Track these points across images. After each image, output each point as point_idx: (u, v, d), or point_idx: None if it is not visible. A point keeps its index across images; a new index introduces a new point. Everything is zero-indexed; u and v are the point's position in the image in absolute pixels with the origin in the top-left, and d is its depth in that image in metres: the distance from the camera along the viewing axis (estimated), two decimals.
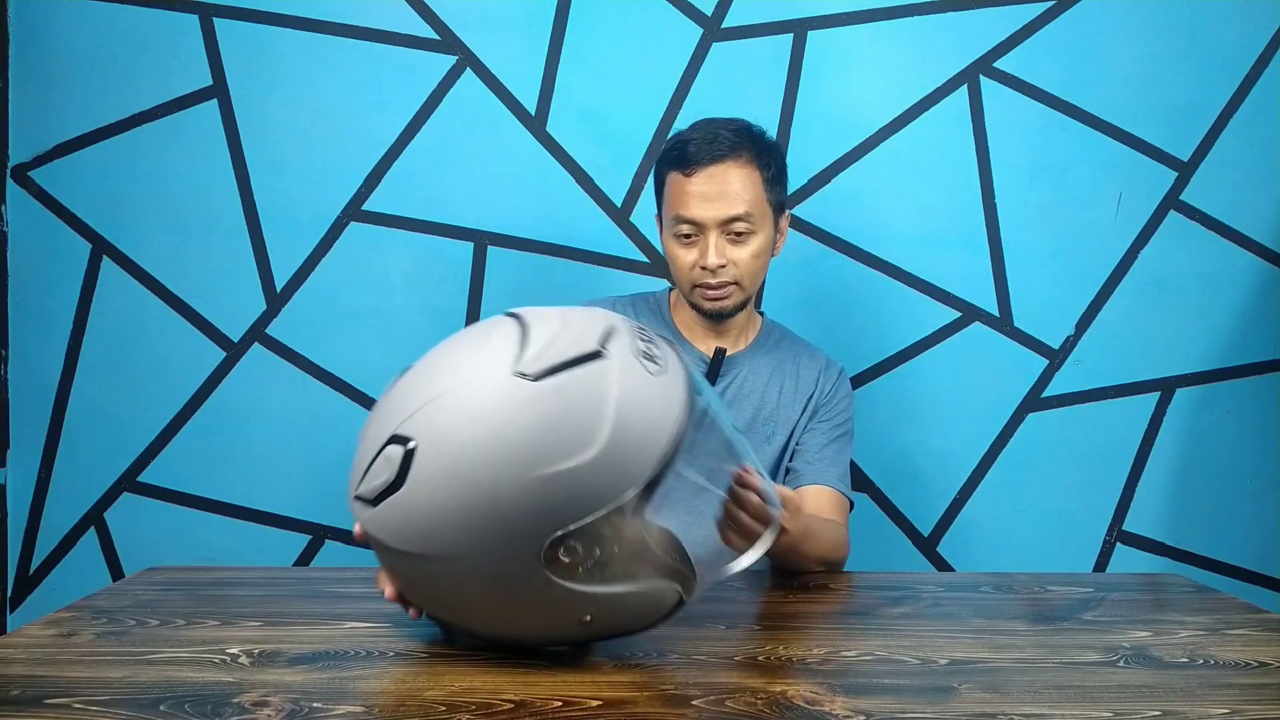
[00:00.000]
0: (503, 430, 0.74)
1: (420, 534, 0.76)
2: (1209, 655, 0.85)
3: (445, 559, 0.76)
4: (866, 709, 0.71)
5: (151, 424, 1.70)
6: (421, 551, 0.77)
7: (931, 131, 1.68)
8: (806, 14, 1.68)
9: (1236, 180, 1.67)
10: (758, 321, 1.40)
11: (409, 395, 0.79)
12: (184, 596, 1.01)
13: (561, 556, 0.75)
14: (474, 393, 0.76)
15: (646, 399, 0.77)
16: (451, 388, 0.77)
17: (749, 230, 1.25)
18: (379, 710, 0.70)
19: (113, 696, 0.72)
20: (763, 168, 1.26)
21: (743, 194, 1.24)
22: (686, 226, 1.26)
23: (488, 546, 0.75)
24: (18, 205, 1.69)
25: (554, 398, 0.75)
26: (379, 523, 0.78)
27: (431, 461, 0.75)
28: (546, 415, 0.74)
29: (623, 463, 0.75)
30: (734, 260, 1.25)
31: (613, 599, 0.79)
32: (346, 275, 1.69)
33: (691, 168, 1.24)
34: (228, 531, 1.70)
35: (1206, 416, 1.70)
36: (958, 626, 0.93)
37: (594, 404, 0.75)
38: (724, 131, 1.25)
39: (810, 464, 1.31)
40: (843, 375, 1.38)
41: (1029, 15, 1.67)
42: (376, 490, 0.77)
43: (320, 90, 1.68)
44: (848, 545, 1.27)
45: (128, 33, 1.67)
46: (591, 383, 0.76)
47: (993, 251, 1.69)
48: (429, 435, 0.76)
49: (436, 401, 0.76)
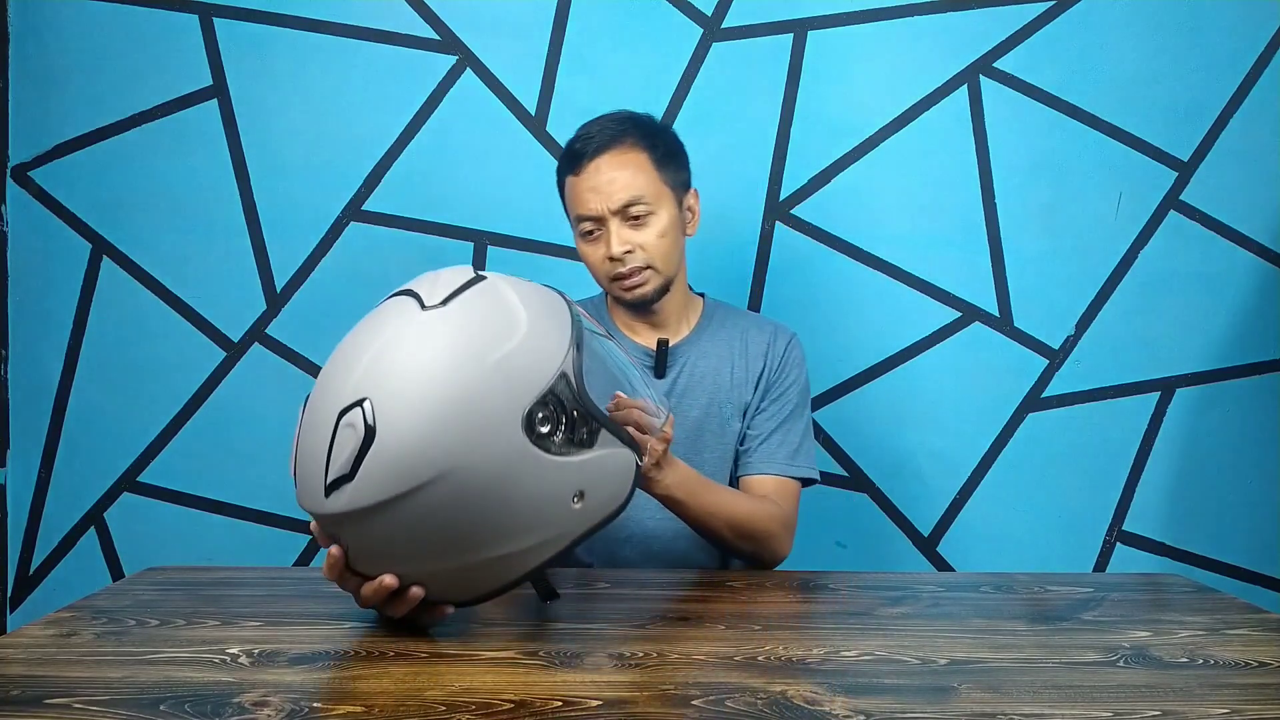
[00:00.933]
0: (439, 343, 0.81)
1: (410, 468, 0.79)
2: (1209, 655, 0.85)
3: (441, 477, 0.79)
4: (866, 709, 0.71)
5: (151, 424, 1.70)
6: (416, 484, 0.79)
7: (931, 131, 1.68)
8: (806, 14, 1.68)
9: (1236, 180, 1.67)
10: (698, 304, 1.40)
11: (337, 381, 0.83)
12: (184, 596, 1.01)
13: (540, 428, 0.82)
14: (402, 335, 0.83)
15: (532, 290, 0.89)
16: (374, 348, 0.83)
17: (646, 212, 1.27)
18: (379, 710, 0.70)
19: (113, 696, 0.72)
20: (650, 149, 1.28)
21: (633, 179, 1.26)
22: (588, 224, 1.28)
23: (478, 441, 0.80)
24: (18, 205, 1.69)
25: (468, 307, 0.84)
26: (359, 490, 0.80)
27: (393, 403, 0.80)
28: (470, 318, 0.83)
29: (548, 335, 0.85)
30: (639, 244, 1.27)
31: (593, 466, 0.85)
32: (346, 275, 1.69)
33: (579, 166, 1.27)
34: (228, 531, 1.70)
35: (1206, 416, 1.70)
36: (958, 626, 0.93)
37: (499, 300, 0.85)
38: (605, 124, 1.29)
39: (754, 451, 1.32)
40: (793, 342, 1.38)
41: (1029, 15, 1.67)
42: (349, 459, 0.79)
43: (320, 90, 1.68)
44: (783, 525, 1.27)
45: (128, 33, 1.67)
46: (489, 292, 0.86)
47: (993, 251, 1.69)
48: (377, 385, 0.81)
49: (365, 362, 0.82)
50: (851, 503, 1.71)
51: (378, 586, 0.83)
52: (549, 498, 0.83)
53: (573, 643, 0.85)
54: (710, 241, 1.69)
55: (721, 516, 1.20)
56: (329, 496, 0.81)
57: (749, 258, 1.70)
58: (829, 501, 1.71)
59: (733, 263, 1.69)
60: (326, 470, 0.81)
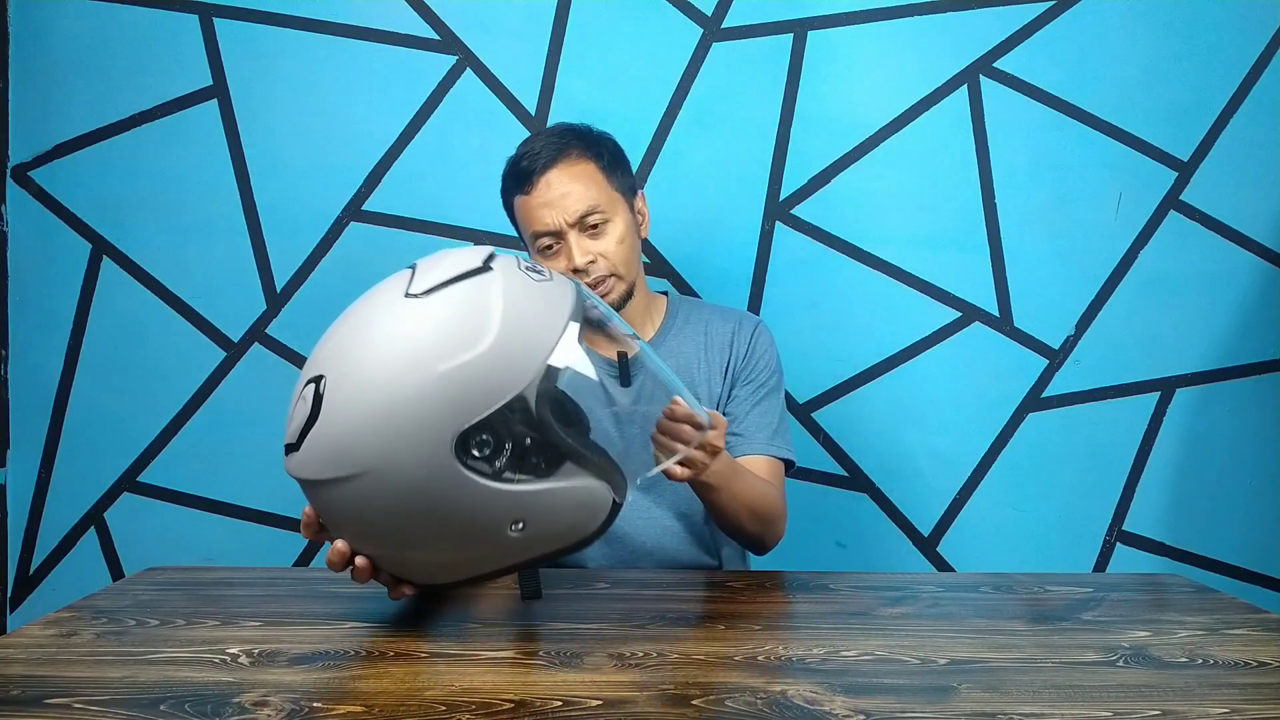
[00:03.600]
0: (397, 339, 0.79)
1: (339, 456, 0.79)
2: (1208, 655, 0.85)
3: (366, 474, 0.78)
4: (866, 709, 0.71)
5: (151, 424, 1.70)
6: (344, 474, 0.79)
7: (931, 131, 1.68)
8: (806, 14, 1.68)
9: (1236, 180, 1.67)
10: (661, 303, 1.40)
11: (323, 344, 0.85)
12: (184, 596, 1.01)
13: (474, 451, 0.78)
14: (369, 319, 0.82)
15: (532, 298, 0.82)
16: (350, 324, 0.84)
17: (603, 220, 1.27)
18: (379, 710, 0.70)
19: (113, 696, 0.72)
20: (595, 158, 1.29)
21: (586, 190, 1.27)
22: (546, 239, 1.28)
23: (403, 451, 0.77)
24: (18, 205, 1.69)
25: (442, 304, 0.80)
26: (301, 462, 0.82)
27: (341, 387, 0.80)
28: (437, 318, 0.79)
29: (517, 354, 0.78)
30: (600, 253, 1.27)
31: (539, 498, 0.80)
32: (346, 275, 1.69)
33: (528, 184, 1.28)
34: (228, 531, 1.70)
35: (1206, 416, 1.70)
36: (958, 626, 0.93)
37: (480, 304, 0.80)
38: (547, 139, 1.29)
39: (738, 435, 1.32)
40: (759, 329, 1.38)
41: (1029, 15, 1.67)
42: (297, 431, 0.81)
43: (320, 90, 1.68)
44: (783, 507, 1.29)
45: (128, 33, 1.67)
46: (476, 288, 0.81)
47: (993, 251, 1.69)
48: (335, 365, 0.81)
49: (339, 337, 0.83)
50: (851, 503, 1.71)
51: (332, 551, 0.87)
52: (480, 520, 0.80)
53: (573, 643, 0.85)
54: (710, 241, 1.69)
55: (744, 500, 1.21)
56: (287, 455, 0.84)
57: (749, 258, 1.70)
58: (829, 501, 1.71)
59: (733, 263, 1.69)
60: (285, 431, 0.84)
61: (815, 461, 1.71)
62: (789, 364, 1.68)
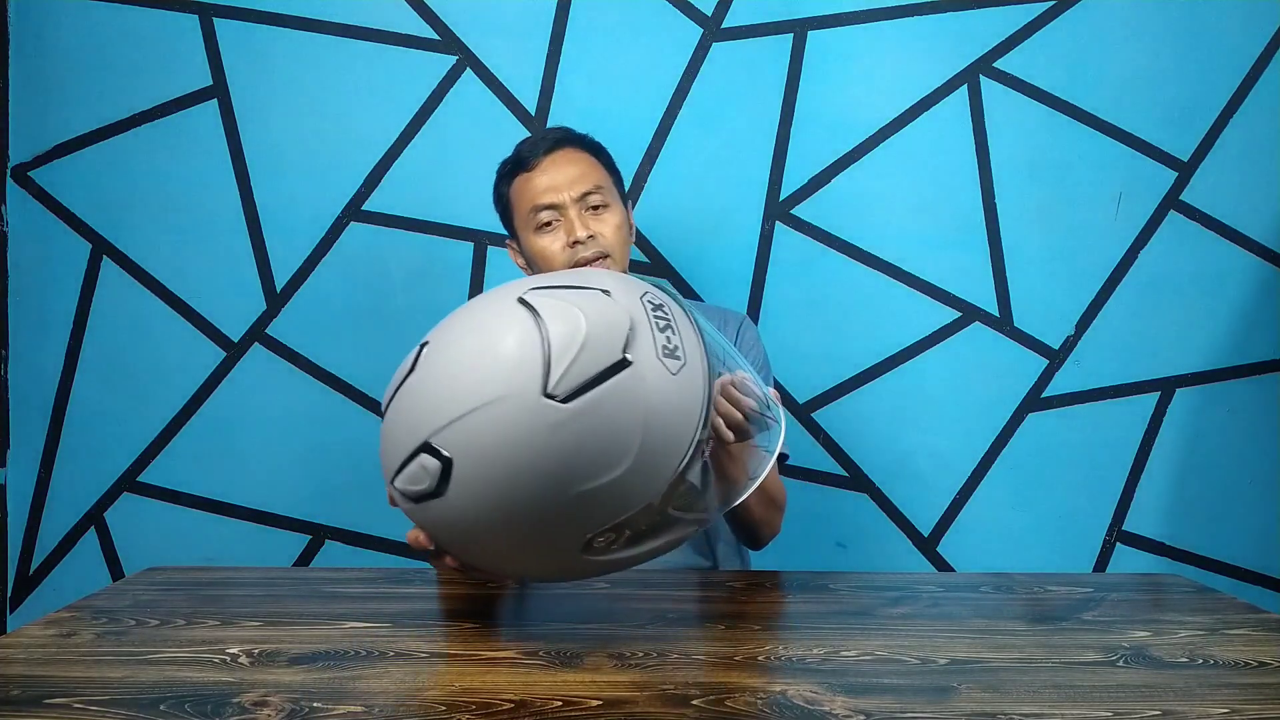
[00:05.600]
0: (538, 457, 0.75)
1: (461, 538, 0.83)
2: (1209, 655, 0.85)
3: (487, 555, 0.84)
4: (866, 709, 0.71)
5: (151, 424, 1.70)
6: (464, 548, 0.84)
7: (931, 131, 1.68)
8: (806, 14, 1.68)
9: (1236, 180, 1.67)
10: None
11: (437, 397, 0.79)
12: (184, 596, 1.01)
13: (596, 544, 0.80)
14: (506, 415, 0.76)
15: (672, 403, 0.78)
16: (482, 405, 0.76)
17: (603, 203, 1.29)
18: (379, 710, 0.70)
19: (113, 696, 0.72)
20: (596, 155, 1.32)
21: (589, 171, 1.29)
22: (547, 213, 1.28)
23: (529, 548, 0.81)
24: (18, 205, 1.69)
25: (585, 419, 0.75)
26: (421, 513, 0.83)
27: (470, 478, 0.78)
28: (581, 436, 0.75)
29: (652, 466, 0.78)
30: (599, 232, 1.28)
31: (645, 556, 0.84)
32: (346, 275, 1.69)
33: (532, 163, 1.29)
34: (228, 531, 1.70)
35: (1206, 416, 1.70)
36: (957, 626, 0.93)
37: (623, 420, 0.76)
38: (547, 133, 1.33)
39: None
40: (745, 323, 1.40)
41: (1029, 15, 1.67)
42: (415, 494, 0.81)
43: (320, 90, 1.68)
44: (784, 496, 1.31)
45: (128, 33, 1.67)
46: (619, 398, 0.76)
47: (992, 251, 1.69)
48: (465, 452, 0.77)
49: (469, 418, 0.76)
50: (851, 503, 1.71)
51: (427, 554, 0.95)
52: (589, 575, 0.90)
53: (573, 643, 0.85)
54: (710, 242, 1.69)
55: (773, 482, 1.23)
56: (394, 483, 0.84)
57: (749, 258, 1.70)
58: (829, 501, 1.71)
59: (733, 263, 1.69)
60: (396, 473, 0.82)
61: (815, 461, 1.70)
62: (789, 364, 1.69)
